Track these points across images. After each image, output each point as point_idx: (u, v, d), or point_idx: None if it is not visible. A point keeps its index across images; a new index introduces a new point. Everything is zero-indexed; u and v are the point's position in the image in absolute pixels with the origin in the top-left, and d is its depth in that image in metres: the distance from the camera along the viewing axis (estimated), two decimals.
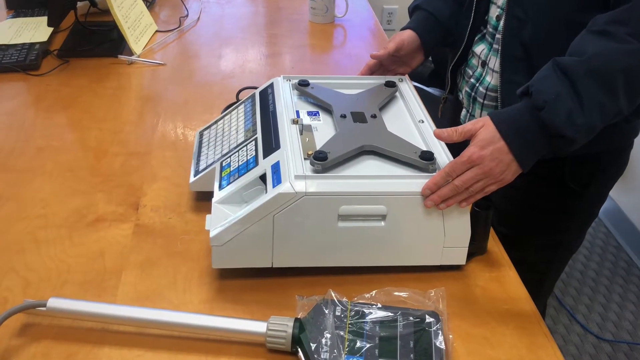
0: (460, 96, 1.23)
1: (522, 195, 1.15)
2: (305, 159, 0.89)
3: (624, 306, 2.09)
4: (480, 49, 1.15)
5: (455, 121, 1.27)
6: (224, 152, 1.02)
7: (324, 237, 0.86)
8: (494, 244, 0.98)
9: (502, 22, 1.06)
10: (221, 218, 0.87)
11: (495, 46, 1.10)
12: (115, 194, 1.08)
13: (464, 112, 1.23)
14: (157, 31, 1.77)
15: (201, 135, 1.14)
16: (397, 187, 0.85)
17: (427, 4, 1.22)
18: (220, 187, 0.93)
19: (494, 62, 1.10)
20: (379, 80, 1.13)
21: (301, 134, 0.95)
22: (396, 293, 0.84)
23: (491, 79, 1.12)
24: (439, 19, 1.20)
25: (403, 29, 1.20)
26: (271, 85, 1.10)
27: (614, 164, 1.17)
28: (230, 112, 1.14)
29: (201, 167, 1.03)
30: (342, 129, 0.96)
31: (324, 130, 0.98)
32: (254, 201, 0.85)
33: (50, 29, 1.67)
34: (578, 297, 2.12)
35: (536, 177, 1.04)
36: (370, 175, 0.86)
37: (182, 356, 0.78)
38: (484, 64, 1.14)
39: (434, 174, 0.87)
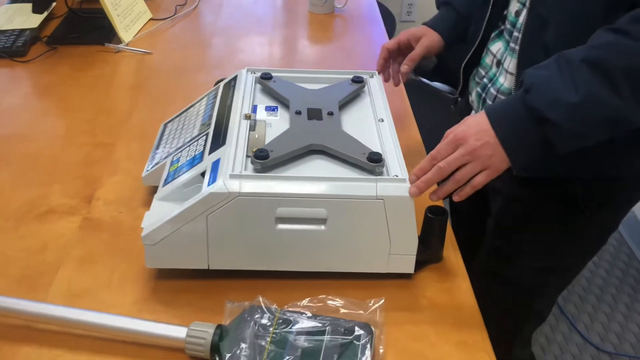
0: (471, 98, 1.13)
1: (525, 210, 1.07)
2: (248, 156, 0.85)
3: (630, 317, 1.99)
4: (496, 47, 1.05)
5: None
6: (178, 146, 0.99)
7: (261, 240, 0.82)
8: (451, 251, 0.92)
9: (521, 19, 0.96)
10: (159, 215, 0.84)
11: (512, 45, 1.00)
12: (72, 185, 1.06)
13: (472, 114, 1.15)
14: (152, 19, 1.75)
15: (165, 127, 1.11)
16: (338, 190, 0.80)
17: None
18: (165, 183, 0.90)
19: (509, 63, 1.00)
20: (347, 75, 1.08)
21: (252, 130, 0.92)
22: (330, 302, 0.79)
23: (504, 81, 1.02)
24: (464, 16, 1.15)
25: (429, 25, 1.16)
26: (235, 78, 1.07)
27: (632, 190, 1.06)
28: (194, 104, 1.11)
29: (155, 161, 1.00)
30: (294, 125, 0.92)
31: (277, 126, 0.94)
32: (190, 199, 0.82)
33: (43, 16, 1.66)
34: (581, 305, 2.03)
35: (544, 193, 1.00)
36: (311, 177, 0.81)
37: (101, 358, 0.75)
38: (498, 63, 1.04)
39: (381, 176, 0.82)
